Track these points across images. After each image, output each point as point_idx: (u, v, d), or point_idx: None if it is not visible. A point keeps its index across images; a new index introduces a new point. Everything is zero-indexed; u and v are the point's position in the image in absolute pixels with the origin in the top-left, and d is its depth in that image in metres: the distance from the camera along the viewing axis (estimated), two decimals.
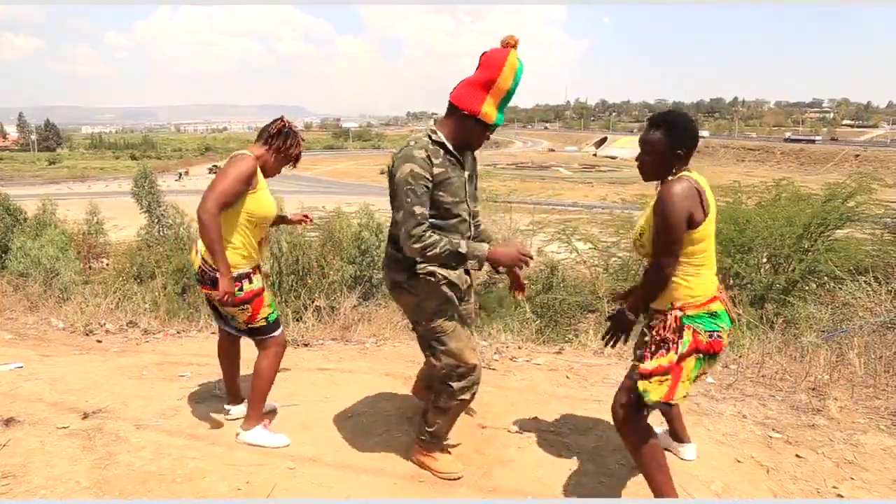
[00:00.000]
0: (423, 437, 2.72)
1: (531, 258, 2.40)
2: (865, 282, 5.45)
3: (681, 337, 2.24)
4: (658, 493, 2.30)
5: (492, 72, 2.35)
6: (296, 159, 2.88)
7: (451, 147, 2.45)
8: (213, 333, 5.11)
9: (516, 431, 3.08)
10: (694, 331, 2.25)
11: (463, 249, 2.35)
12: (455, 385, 2.54)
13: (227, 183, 2.63)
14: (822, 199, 9.59)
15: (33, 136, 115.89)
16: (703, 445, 2.92)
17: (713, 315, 2.28)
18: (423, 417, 2.72)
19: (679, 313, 2.26)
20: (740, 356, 4.14)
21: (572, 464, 2.77)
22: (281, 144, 2.80)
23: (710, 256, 2.31)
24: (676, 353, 2.23)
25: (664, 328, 2.28)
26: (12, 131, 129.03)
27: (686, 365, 2.24)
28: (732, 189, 10.92)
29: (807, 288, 8.42)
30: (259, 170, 2.75)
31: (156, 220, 29.77)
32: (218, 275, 2.61)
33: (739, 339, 4.66)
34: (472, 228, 2.65)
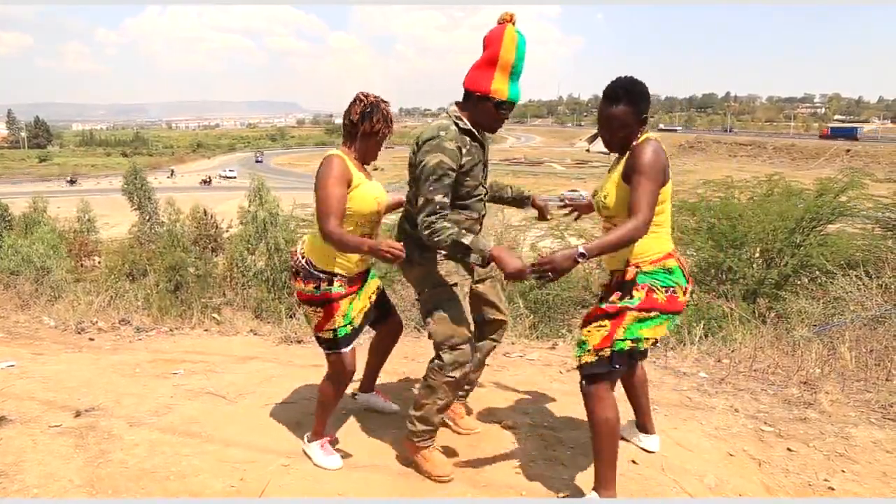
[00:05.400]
0: (412, 427, 2.65)
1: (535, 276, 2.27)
2: (857, 276, 5.48)
3: (631, 293, 2.27)
4: (598, 475, 2.34)
5: (493, 48, 2.36)
6: (387, 132, 2.61)
7: (476, 134, 2.47)
8: (205, 331, 5.10)
9: (510, 426, 3.08)
10: (649, 289, 2.26)
11: (467, 241, 2.34)
12: (446, 357, 2.53)
13: (328, 197, 2.43)
14: (813, 193, 9.65)
15: (23, 134, 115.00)
16: (696, 439, 2.93)
17: (668, 271, 2.29)
18: (412, 405, 2.67)
19: (635, 269, 2.29)
20: (733, 350, 4.16)
21: (566, 458, 2.77)
22: (367, 127, 2.55)
23: (668, 215, 2.34)
24: (619, 301, 2.27)
25: (620, 282, 2.31)
26: (1, 129, 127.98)
27: (627, 317, 2.25)
28: (724, 184, 10.95)
29: (799, 282, 8.47)
30: (351, 166, 2.53)
31: (147, 217, 29.68)
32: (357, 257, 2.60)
33: (732, 333, 4.69)
34: (485, 206, 2.68)
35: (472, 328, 2.59)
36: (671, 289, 2.28)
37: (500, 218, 13.63)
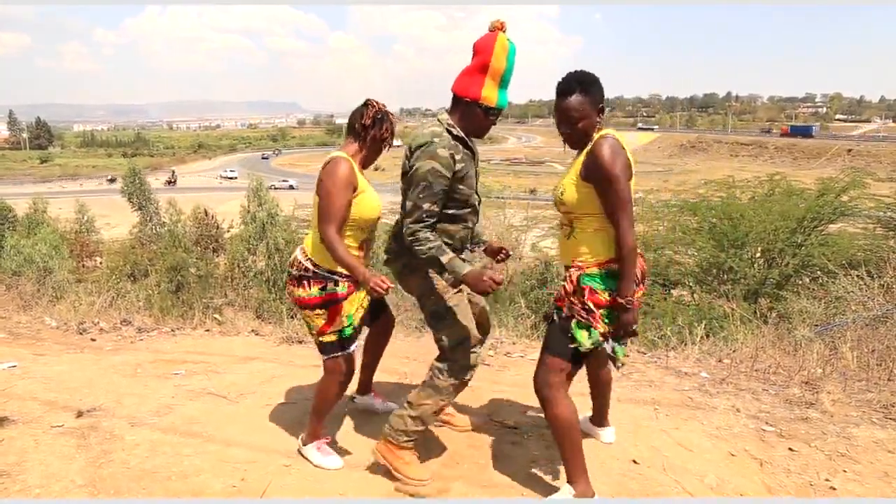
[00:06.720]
0: (402, 426, 2.58)
1: (500, 284, 2.37)
2: (858, 276, 5.48)
3: (583, 297, 2.28)
4: (569, 469, 2.37)
5: (484, 56, 2.38)
6: (390, 143, 2.67)
7: (468, 141, 2.47)
8: (206, 331, 5.10)
9: (511, 426, 3.08)
10: (591, 290, 2.26)
11: (444, 260, 2.36)
12: (456, 360, 2.54)
13: (332, 202, 2.44)
14: (815, 193, 9.65)
15: (24, 135, 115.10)
16: (697, 439, 2.93)
17: (613, 275, 2.25)
18: (404, 403, 2.62)
19: (577, 273, 2.30)
20: (734, 350, 4.16)
21: None
22: (377, 133, 2.59)
23: None
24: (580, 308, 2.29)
25: (566, 290, 2.33)
26: (2, 129, 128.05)
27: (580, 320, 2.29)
28: (726, 184, 10.95)
29: (800, 282, 8.46)
30: (357, 171, 2.53)
31: (148, 218, 29.68)
32: (346, 280, 2.55)
33: (733, 333, 4.69)
34: (478, 216, 2.69)
35: (477, 333, 2.61)
36: (614, 292, 2.25)
37: (500, 218, 13.62)
